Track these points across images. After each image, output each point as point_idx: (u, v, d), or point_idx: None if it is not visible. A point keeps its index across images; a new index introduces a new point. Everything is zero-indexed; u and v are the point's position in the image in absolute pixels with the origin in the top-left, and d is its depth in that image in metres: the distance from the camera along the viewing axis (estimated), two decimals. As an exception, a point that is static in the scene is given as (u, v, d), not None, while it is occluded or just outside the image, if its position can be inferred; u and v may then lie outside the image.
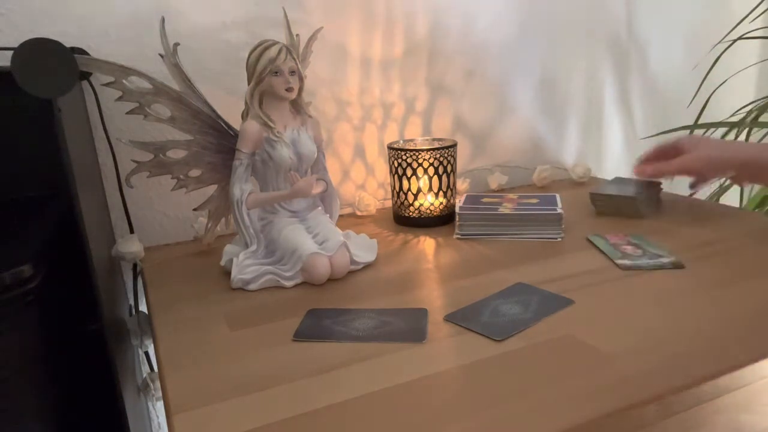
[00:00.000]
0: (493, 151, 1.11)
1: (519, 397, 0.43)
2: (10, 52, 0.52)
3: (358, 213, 0.95)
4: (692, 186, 0.82)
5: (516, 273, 0.67)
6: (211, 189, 0.76)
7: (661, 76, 1.28)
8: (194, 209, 0.78)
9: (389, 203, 0.93)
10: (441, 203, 0.87)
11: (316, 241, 0.69)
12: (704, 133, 1.22)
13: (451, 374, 0.47)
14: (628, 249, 0.72)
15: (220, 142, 0.73)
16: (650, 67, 1.26)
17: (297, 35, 0.79)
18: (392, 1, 0.96)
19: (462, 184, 1.02)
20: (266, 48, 0.67)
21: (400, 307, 0.60)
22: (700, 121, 1.16)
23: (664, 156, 0.81)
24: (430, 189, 0.85)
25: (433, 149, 0.84)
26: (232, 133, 0.73)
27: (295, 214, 0.72)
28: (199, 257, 0.79)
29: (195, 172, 0.73)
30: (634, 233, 0.77)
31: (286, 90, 0.68)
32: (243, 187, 0.69)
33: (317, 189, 0.73)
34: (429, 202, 0.86)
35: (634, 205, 0.84)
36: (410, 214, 0.87)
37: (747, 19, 1.16)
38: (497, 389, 0.44)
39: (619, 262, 0.68)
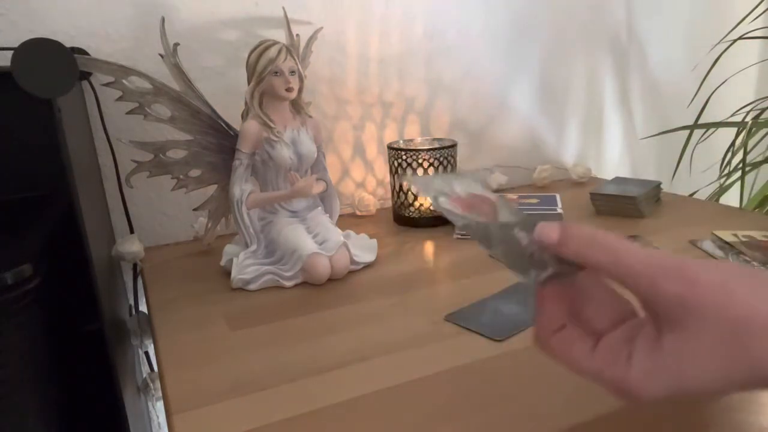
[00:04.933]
0: (492, 150, 1.11)
1: (519, 397, 0.43)
2: (10, 52, 0.52)
3: (358, 213, 0.95)
4: None
5: (516, 273, 0.67)
6: (211, 189, 0.76)
7: (661, 76, 1.28)
8: (194, 209, 0.78)
9: (389, 203, 0.93)
10: (441, 203, 0.86)
11: (316, 241, 0.69)
12: (704, 132, 1.22)
13: (451, 374, 0.47)
14: None
15: (220, 142, 0.73)
16: (650, 67, 1.26)
17: (297, 35, 0.79)
18: (391, 0, 0.96)
19: (462, 184, 1.01)
20: (266, 48, 0.67)
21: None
22: (700, 121, 1.16)
23: None
24: (430, 189, 0.85)
25: (433, 149, 0.84)
26: (232, 133, 0.73)
27: (295, 214, 0.72)
28: (199, 257, 0.79)
29: (195, 172, 0.73)
30: (634, 233, 0.77)
31: (286, 90, 0.68)
32: (243, 187, 0.69)
33: (317, 189, 0.73)
34: (429, 202, 0.86)
35: (634, 205, 0.84)
36: (410, 214, 0.87)
37: (747, 19, 1.16)
38: (497, 389, 0.44)
39: None
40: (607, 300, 0.34)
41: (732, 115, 1.23)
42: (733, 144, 1.16)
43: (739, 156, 1.14)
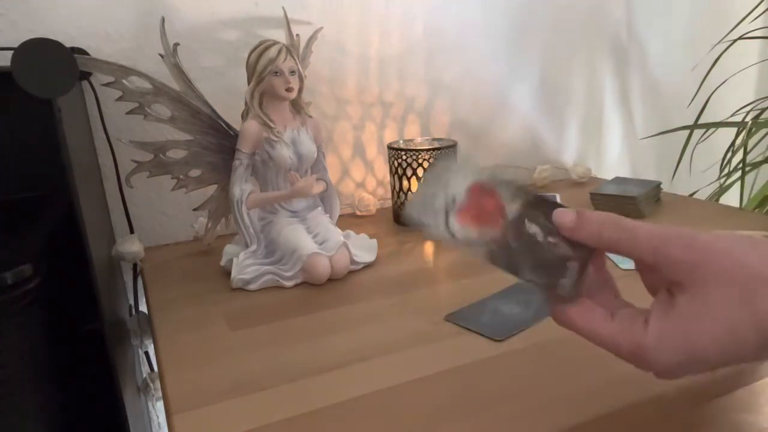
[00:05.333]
0: (492, 150, 1.11)
1: (519, 397, 0.43)
2: (10, 52, 0.52)
3: (358, 213, 0.95)
4: None
5: (516, 273, 0.67)
6: (211, 189, 0.76)
7: (661, 76, 1.28)
8: (194, 209, 0.78)
9: (389, 203, 0.93)
10: (441, 203, 0.86)
11: (316, 241, 0.69)
12: (704, 132, 1.22)
13: (451, 374, 0.47)
14: None
15: (220, 142, 0.73)
16: (650, 67, 1.26)
17: (297, 35, 0.79)
18: (391, 0, 0.96)
19: (462, 184, 1.01)
20: (266, 48, 0.67)
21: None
22: (700, 121, 1.16)
23: None
24: (430, 189, 0.85)
25: (433, 149, 0.84)
26: (232, 133, 0.73)
27: (295, 214, 0.72)
28: (199, 257, 0.79)
29: (195, 172, 0.73)
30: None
31: (286, 90, 0.68)
32: (243, 187, 0.69)
33: (317, 189, 0.73)
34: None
35: (634, 205, 0.84)
36: (410, 214, 0.87)
37: (747, 19, 1.16)
38: (497, 389, 0.44)
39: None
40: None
41: (732, 115, 1.23)
42: (733, 144, 1.16)
43: (739, 156, 1.14)
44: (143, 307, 0.83)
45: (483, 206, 0.35)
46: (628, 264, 0.66)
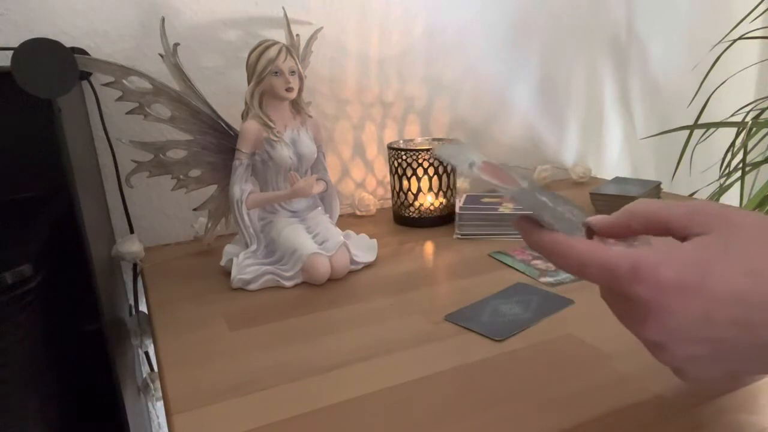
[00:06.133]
0: (492, 150, 1.11)
1: (519, 397, 0.43)
2: (10, 52, 0.52)
3: (358, 213, 0.95)
4: None
5: (516, 273, 0.67)
6: (211, 189, 0.76)
7: (661, 76, 1.28)
8: (194, 209, 0.78)
9: (389, 203, 0.93)
10: (441, 203, 0.87)
11: (316, 241, 0.69)
12: (704, 132, 1.22)
13: (451, 374, 0.47)
14: (539, 264, 0.68)
15: (220, 142, 0.73)
16: (650, 67, 1.26)
17: (297, 35, 0.79)
18: (392, 0, 0.96)
19: (462, 184, 1.02)
20: (266, 48, 0.67)
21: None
22: (700, 121, 1.16)
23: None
24: (430, 189, 0.85)
25: (433, 149, 0.84)
26: (232, 133, 0.73)
27: (295, 214, 0.72)
28: (199, 257, 0.79)
29: (195, 172, 0.73)
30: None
31: (286, 90, 0.68)
32: (243, 187, 0.69)
33: (317, 189, 0.73)
34: (429, 202, 0.86)
35: (634, 205, 0.84)
36: (410, 214, 0.87)
37: (747, 19, 1.16)
38: (497, 389, 0.44)
39: (542, 280, 0.64)
40: None
41: (732, 115, 1.23)
42: (733, 144, 1.16)
43: (739, 156, 1.14)
44: (143, 307, 0.83)
45: (501, 173, 0.37)
46: (544, 278, 0.65)
